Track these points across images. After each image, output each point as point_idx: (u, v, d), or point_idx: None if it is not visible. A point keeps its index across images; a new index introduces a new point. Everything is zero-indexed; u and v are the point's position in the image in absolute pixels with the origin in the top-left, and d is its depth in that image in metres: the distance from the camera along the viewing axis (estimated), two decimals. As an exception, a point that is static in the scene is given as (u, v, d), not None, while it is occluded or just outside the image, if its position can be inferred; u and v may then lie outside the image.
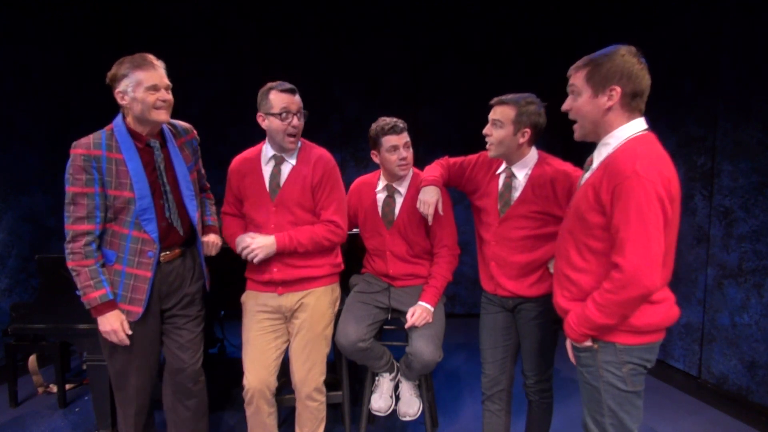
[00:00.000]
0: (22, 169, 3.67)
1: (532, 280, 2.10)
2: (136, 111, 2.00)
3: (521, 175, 2.10)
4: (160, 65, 2.03)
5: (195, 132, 2.31)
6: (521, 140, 2.05)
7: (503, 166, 2.16)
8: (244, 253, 2.22)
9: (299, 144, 2.31)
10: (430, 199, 2.19)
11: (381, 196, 2.52)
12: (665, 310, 1.59)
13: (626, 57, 1.53)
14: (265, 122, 2.22)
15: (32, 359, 3.27)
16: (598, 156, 1.62)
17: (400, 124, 2.41)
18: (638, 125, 1.57)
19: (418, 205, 2.23)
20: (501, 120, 2.04)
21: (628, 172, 1.44)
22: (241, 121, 4.62)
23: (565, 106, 1.67)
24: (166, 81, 2.03)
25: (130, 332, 2.06)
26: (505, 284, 2.13)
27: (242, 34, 4.65)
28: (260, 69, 4.67)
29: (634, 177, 1.43)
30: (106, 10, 4.42)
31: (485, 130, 2.09)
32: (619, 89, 1.53)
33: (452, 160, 2.35)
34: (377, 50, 4.68)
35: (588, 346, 1.60)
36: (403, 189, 2.49)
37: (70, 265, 2.00)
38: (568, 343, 1.75)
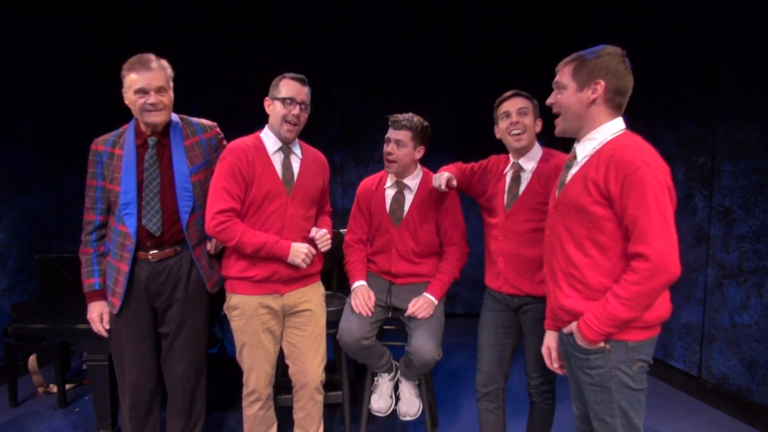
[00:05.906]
0: (22, 169, 3.67)
1: (541, 277, 2.08)
2: (133, 112, 2.07)
3: (529, 167, 2.14)
4: (156, 66, 2.01)
5: (216, 130, 2.29)
6: (538, 129, 2.16)
7: (510, 164, 2.19)
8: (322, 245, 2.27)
9: (296, 141, 2.26)
10: (443, 173, 2.27)
11: (390, 192, 2.50)
12: (666, 301, 1.61)
13: (612, 55, 1.59)
14: (270, 107, 2.17)
15: (32, 359, 3.27)
16: (582, 150, 1.65)
17: (402, 120, 2.38)
18: (620, 124, 1.62)
19: (433, 182, 2.28)
20: (526, 107, 2.12)
21: (638, 163, 1.47)
22: (240, 120, 4.60)
23: (549, 100, 1.72)
24: (156, 83, 2.00)
25: (107, 326, 2.15)
26: (513, 281, 2.13)
27: (242, 34, 4.65)
28: (260, 69, 4.66)
29: (645, 167, 1.47)
30: (106, 10, 4.42)
31: (514, 118, 2.11)
32: (603, 83, 1.58)
33: (463, 165, 2.38)
34: (377, 50, 4.68)
35: (600, 347, 1.58)
36: (413, 185, 2.47)
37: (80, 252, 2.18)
38: (554, 347, 1.78)
